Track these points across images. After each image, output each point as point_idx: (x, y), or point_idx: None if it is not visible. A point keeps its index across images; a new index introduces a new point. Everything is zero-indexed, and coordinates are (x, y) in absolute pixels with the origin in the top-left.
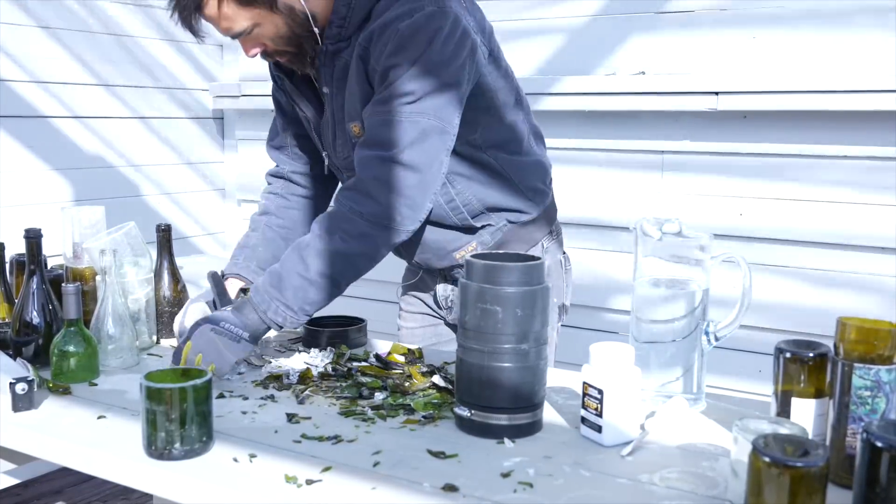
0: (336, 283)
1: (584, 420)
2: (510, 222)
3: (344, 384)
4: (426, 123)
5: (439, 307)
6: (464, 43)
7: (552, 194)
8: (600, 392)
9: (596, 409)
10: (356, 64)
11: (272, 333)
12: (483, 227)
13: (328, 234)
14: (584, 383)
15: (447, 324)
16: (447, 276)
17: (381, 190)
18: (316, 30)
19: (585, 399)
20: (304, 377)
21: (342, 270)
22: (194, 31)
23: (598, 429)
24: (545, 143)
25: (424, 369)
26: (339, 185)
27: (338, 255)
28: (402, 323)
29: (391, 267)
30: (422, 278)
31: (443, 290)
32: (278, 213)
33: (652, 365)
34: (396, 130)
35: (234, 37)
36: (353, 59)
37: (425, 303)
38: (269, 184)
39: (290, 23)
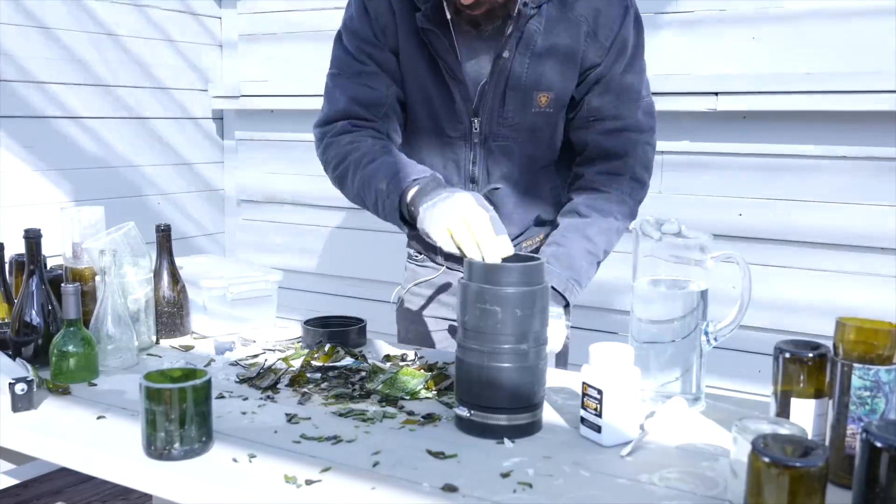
0: (606, 256)
1: (583, 420)
2: (551, 221)
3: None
4: (652, 101)
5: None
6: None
7: None
8: (600, 392)
9: (595, 410)
10: (574, 38)
11: (271, 335)
12: (551, 222)
13: (605, 215)
14: (584, 383)
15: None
16: None
17: (647, 175)
18: None
19: (585, 399)
20: (299, 377)
21: (614, 244)
22: None
23: (598, 429)
24: None
25: (417, 364)
26: (468, 152)
27: (615, 232)
28: (412, 325)
29: (391, 267)
30: (445, 272)
31: None
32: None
33: (651, 365)
34: (651, 115)
35: None
36: (557, 32)
37: (443, 303)
38: (351, 132)
39: None
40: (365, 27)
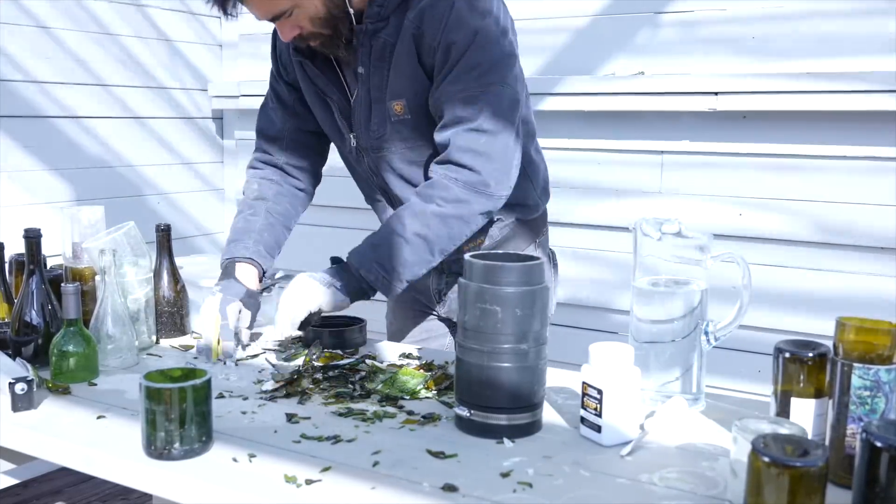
0: (430, 246)
1: (583, 420)
2: (517, 219)
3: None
4: (497, 91)
5: (433, 300)
6: (508, 15)
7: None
8: (599, 392)
9: (595, 409)
10: (407, 43)
11: (271, 335)
12: (494, 221)
13: (425, 200)
14: (584, 383)
15: (440, 318)
16: (442, 268)
17: (473, 159)
18: (351, 10)
19: (585, 399)
20: (297, 378)
21: (437, 233)
22: (226, 13)
23: (598, 429)
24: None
25: (416, 364)
26: (363, 166)
27: (434, 216)
28: (392, 318)
29: None
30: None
31: (436, 282)
32: (276, 201)
33: (651, 365)
34: (474, 103)
35: (272, 19)
36: (400, 39)
37: (416, 297)
38: (257, 168)
39: (329, 3)
40: (273, 62)
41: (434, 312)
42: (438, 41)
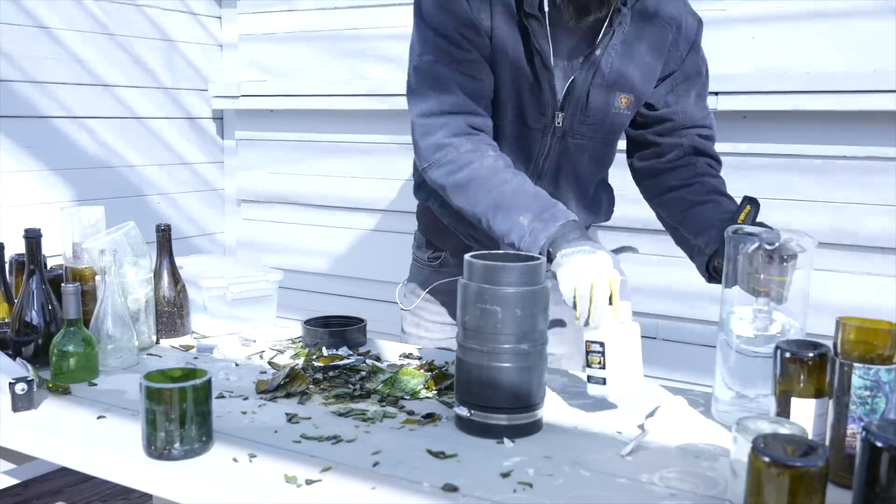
0: None
1: (589, 378)
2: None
3: (336, 381)
4: None
5: None
6: None
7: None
8: (602, 345)
9: (599, 363)
10: (657, 41)
11: (271, 335)
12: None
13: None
14: (587, 342)
15: None
16: None
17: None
18: None
19: (589, 356)
20: (295, 376)
21: None
22: None
23: (603, 381)
24: None
25: (416, 363)
26: (542, 146)
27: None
28: (426, 333)
29: (390, 267)
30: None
31: None
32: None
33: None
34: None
35: None
36: (645, 33)
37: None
38: (472, 134)
39: None
40: (462, 6)
41: None
42: (690, 47)
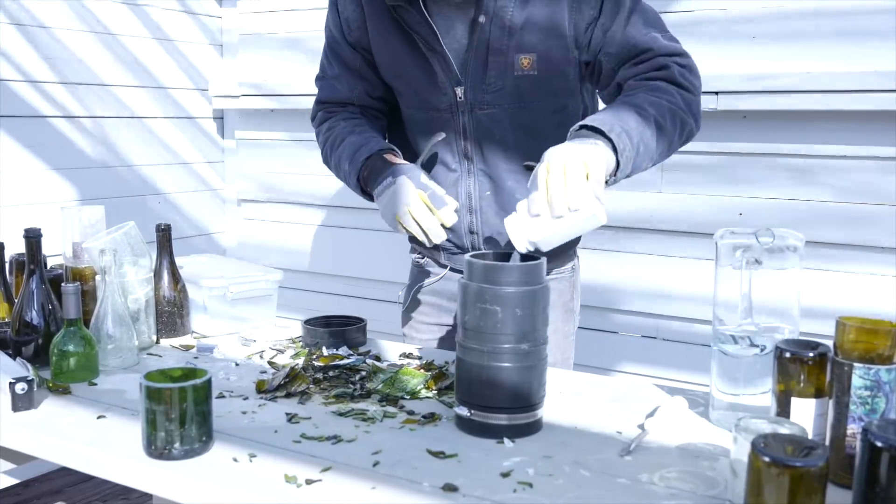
0: (662, 135)
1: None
2: None
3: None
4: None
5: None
6: None
7: None
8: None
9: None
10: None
11: (271, 335)
12: None
13: (657, 94)
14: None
15: None
16: None
17: (694, 90)
18: None
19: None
20: (294, 376)
21: (671, 125)
22: None
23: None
24: None
25: (416, 363)
26: (456, 125)
27: (666, 107)
28: (416, 335)
29: (390, 267)
30: (447, 277)
31: None
32: (367, 121)
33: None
34: (673, 42)
35: None
36: None
37: (445, 309)
38: (329, 112)
39: None
40: (334, 24)
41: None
42: None
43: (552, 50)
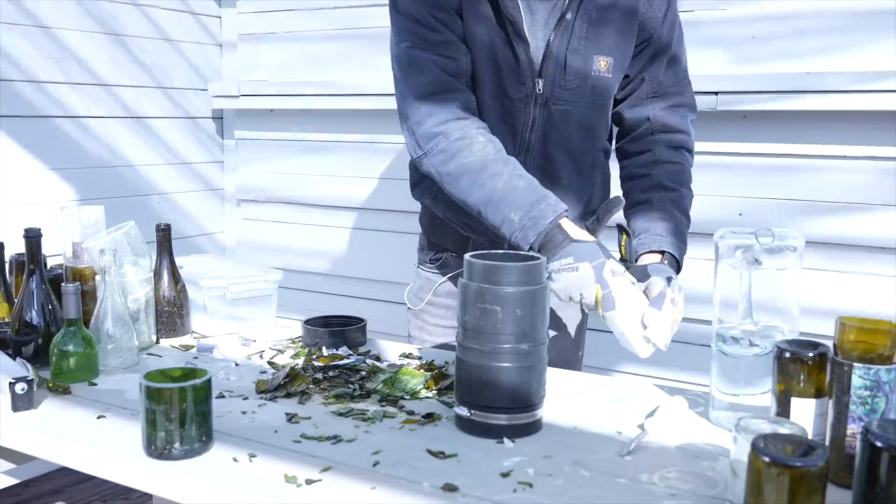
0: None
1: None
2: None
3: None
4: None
5: None
6: None
7: None
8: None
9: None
10: (629, 4)
11: (271, 335)
12: (593, 213)
13: (686, 188)
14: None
15: None
16: None
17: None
18: None
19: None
20: (294, 376)
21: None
22: None
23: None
24: None
25: (416, 363)
26: (526, 117)
27: (690, 202)
28: (427, 337)
29: (391, 267)
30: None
31: None
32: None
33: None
34: (690, 88)
35: None
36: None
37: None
38: (462, 119)
39: None
40: None
41: None
42: (666, 10)
43: (625, 56)
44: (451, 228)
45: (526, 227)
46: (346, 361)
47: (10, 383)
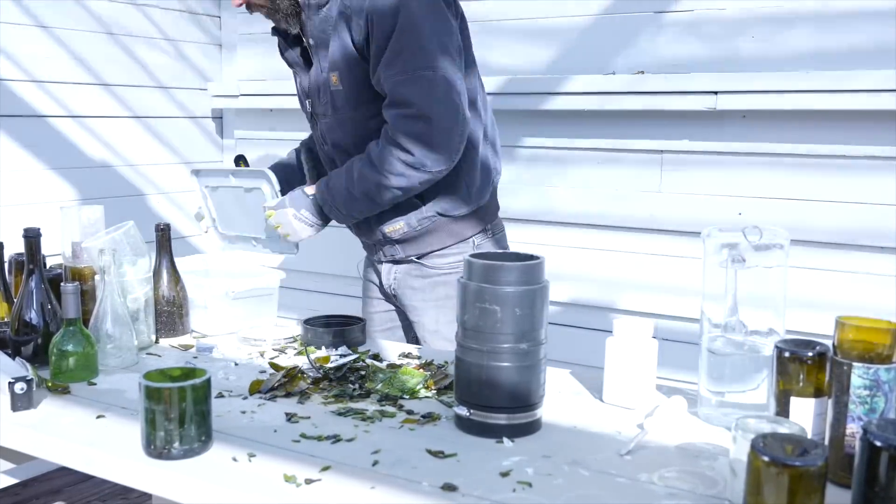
0: (375, 204)
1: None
2: (440, 214)
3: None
4: (429, 76)
5: (385, 292)
6: (438, 3)
7: (491, 196)
8: None
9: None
10: (339, 19)
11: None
12: (412, 210)
13: (373, 166)
14: None
15: (397, 309)
16: (384, 254)
17: (411, 143)
18: None
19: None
20: (293, 377)
21: (380, 196)
22: None
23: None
24: (497, 147)
25: (416, 363)
26: (316, 130)
27: (379, 185)
28: (368, 310)
29: None
30: (369, 260)
31: (386, 273)
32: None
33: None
34: (408, 88)
35: None
36: (337, 14)
37: (378, 287)
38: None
39: None
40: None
41: (392, 304)
42: (364, 21)
43: (351, 69)
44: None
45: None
46: (340, 361)
47: (10, 383)
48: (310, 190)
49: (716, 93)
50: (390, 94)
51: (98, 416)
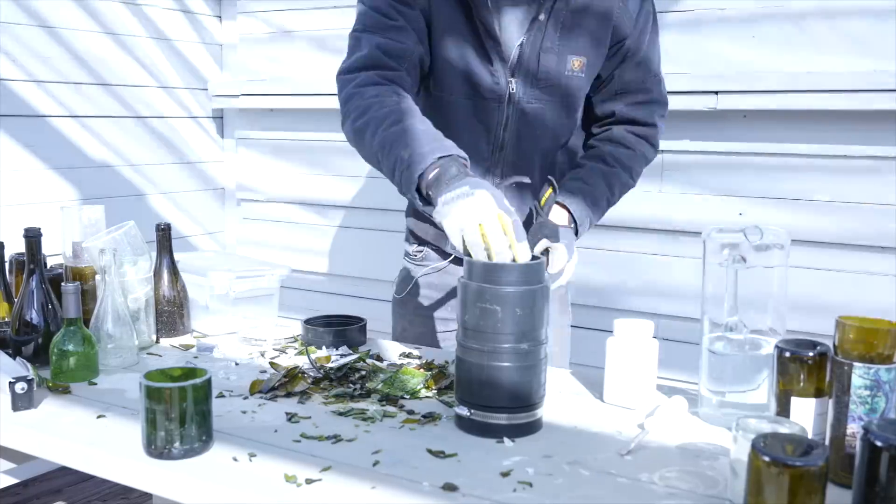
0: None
1: None
2: None
3: (337, 383)
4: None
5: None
6: None
7: None
8: None
9: None
10: (603, 6)
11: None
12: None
13: (625, 170)
14: None
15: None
16: None
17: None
18: None
19: None
20: (294, 376)
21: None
22: None
23: None
24: None
25: (417, 362)
26: (500, 115)
27: (626, 187)
28: (407, 325)
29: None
30: (447, 271)
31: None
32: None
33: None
34: (665, 93)
35: None
36: (595, 2)
37: (440, 303)
38: (381, 84)
39: None
40: None
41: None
42: (639, 9)
43: (599, 55)
44: (429, 220)
45: (414, 163)
46: (341, 361)
47: (10, 383)
48: (560, 220)
49: (716, 93)
50: (657, 94)
51: (99, 416)
